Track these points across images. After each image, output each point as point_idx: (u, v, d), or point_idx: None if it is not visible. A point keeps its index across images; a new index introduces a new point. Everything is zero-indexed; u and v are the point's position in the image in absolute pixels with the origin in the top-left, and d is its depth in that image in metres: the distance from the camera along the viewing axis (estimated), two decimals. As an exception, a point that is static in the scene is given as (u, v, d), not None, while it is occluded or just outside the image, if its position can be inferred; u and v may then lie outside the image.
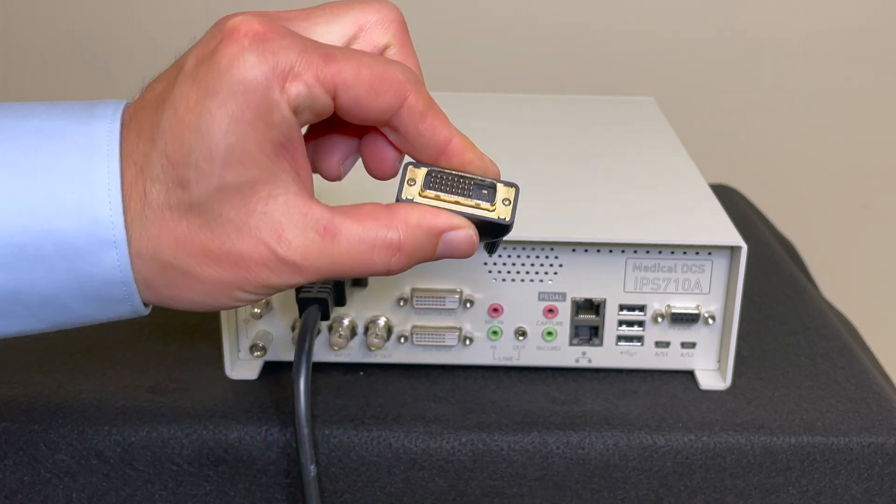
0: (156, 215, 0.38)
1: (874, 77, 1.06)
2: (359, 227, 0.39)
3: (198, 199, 0.38)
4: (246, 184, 0.38)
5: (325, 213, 0.39)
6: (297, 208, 0.39)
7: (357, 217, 0.40)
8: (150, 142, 0.38)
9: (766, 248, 0.75)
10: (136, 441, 0.50)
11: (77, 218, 0.38)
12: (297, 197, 0.39)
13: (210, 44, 0.38)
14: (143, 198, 0.38)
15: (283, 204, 0.39)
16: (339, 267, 0.40)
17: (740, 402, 0.54)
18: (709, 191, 0.61)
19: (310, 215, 0.39)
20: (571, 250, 0.54)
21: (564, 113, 0.79)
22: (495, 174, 0.42)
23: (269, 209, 0.38)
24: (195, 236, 0.39)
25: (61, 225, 0.38)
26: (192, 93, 0.37)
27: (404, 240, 0.40)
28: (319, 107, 0.38)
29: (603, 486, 0.51)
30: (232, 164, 0.37)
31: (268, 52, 0.37)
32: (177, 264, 0.39)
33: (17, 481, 0.50)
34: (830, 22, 1.04)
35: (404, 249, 0.40)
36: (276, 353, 0.56)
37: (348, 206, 0.40)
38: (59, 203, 0.38)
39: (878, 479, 0.51)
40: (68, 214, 0.38)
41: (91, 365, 0.56)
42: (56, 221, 0.38)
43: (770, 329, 0.62)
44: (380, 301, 0.55)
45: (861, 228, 1.13)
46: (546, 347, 0.56)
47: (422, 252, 0.41)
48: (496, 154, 0.65)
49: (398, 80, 0.38)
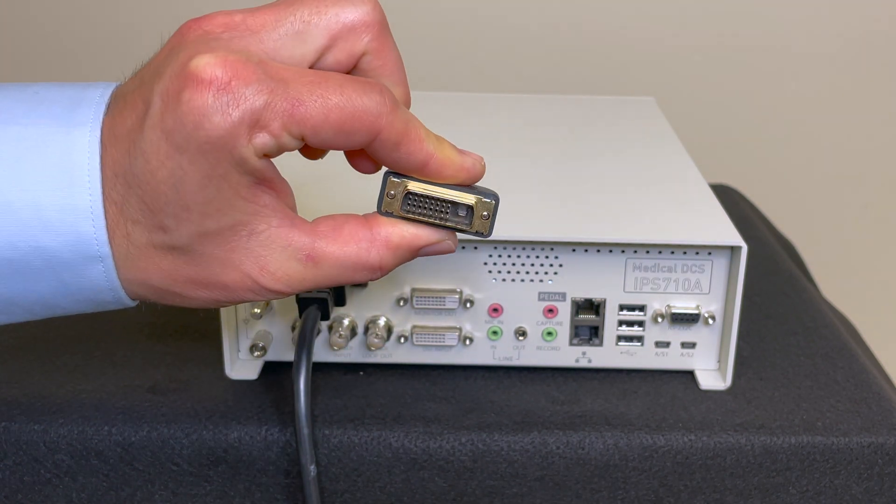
0: (140, 252, 0.39)
1: (874, 77, 1.06)
2: (341, 252, 0.40)
3: (179, 242, 0.39)
4: (226, 227, 0.39)
5: (306, 241, 0.40)
6: (279, 241, 0.39)
7: (339, 240, 0.40)
8: (127, 186, 0.38)
9: (765, 248, 0.75)
10: (136, 441, 0.50)
11: (63, 235, 0.38)
12: (278, 229, 0.39)
13: (174, 83, 0.37)
14: (126, 236, 0.39)
15: (265, 238, 0.39)
16: (323, 285, 0.41)
17: (740, 402, 0.54)
18: (709, 191, 0.61)
19: (292, 246, 0.40)
20: (571, 250, 0.54)
21: (564, 113, 0.79)
22: (479, 174, 0.42)
23: (252, 245, 0.39)
24: (181, 270, 0.39)
25: (48, 242, 0.38)
26: (161, 144, 0.37)
27: (385, 262, 0.41)
28: (290, 148, 0.39)
29: (603, 485, 0.51)
30: (210, 213, 0.38)
31: (232, 105, 0.36)
32: (166, 288, 0.40)
33: (17, 481, 0.50)
34: (830, 22, 1.04)
35: (385, 268, 0.41)
36: (276, 353, 0.56)
37: (329, 225, 0.41)
38: (44, 221, 0.38)
39: (878, 479, 0.51)
40: (54, 231, 0.38)
41: (91, 365, 0.56)
42: (42, 238, 0.38)
43: (770, 329, 0.62)
44: (380, 301, 0.55)
45: (861, 228, 1.13)
46: (546, 347, 0.56)
47: (402, 263, 0.42)
48: (496, 154, 0.65)
49: (369, 116, 0.38)
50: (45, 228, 0.38)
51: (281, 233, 0.39)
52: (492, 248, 0.54)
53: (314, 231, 0.40)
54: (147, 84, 0.38)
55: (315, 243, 0.40)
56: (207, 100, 0.36)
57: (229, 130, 0.36)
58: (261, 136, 0.37)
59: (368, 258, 0.40)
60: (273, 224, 0.39)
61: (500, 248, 0.54)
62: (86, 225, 0.38)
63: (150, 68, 0.39)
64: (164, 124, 0.37)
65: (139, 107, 0.38)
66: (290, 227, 0.40)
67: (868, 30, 1.04)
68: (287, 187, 0.41)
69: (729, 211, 0.58)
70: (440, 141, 0.41)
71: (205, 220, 0.38)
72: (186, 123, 0.36)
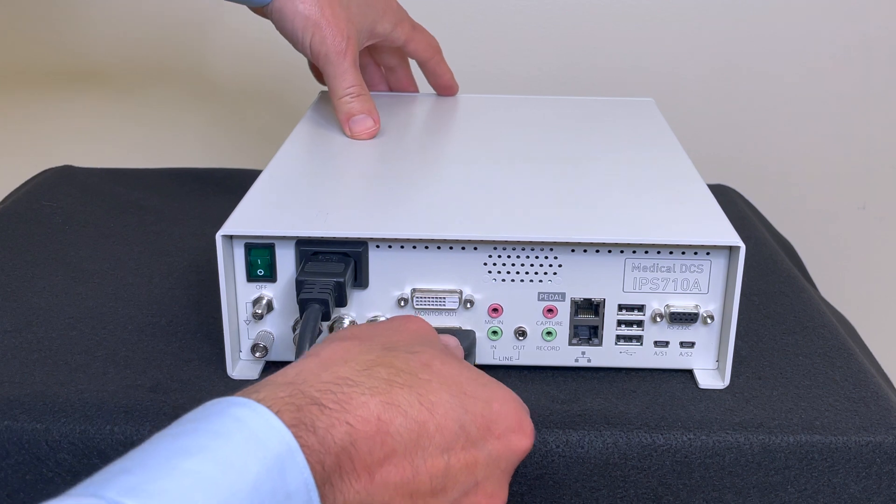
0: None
1: (871, 78, 1.06)
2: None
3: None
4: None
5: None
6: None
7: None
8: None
9: (764, 248, 0.75)
10: (138, 440, 0.50)
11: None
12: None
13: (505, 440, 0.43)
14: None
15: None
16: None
17: (739, 402, 0.54)
18: (707, 191, 0.61)
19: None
20: (571, 250, 0.54)
21: (564, 114, 0.79)
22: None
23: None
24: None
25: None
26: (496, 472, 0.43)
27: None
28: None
29: (602, 484, 0.51)
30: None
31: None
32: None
33: (18, 480, 0.50)
34: (828, 23, 1.04)
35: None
36: (277, 354, 0.56)
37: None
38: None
39: (877, 478, 0.51)
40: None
41: (93, 364, 0.56)
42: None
43: (768, 328, 0.62)
44: (380, 301, 0.55)
45: (859, 229, 1.13)
46: (546, 347, 0.56)
47: None
48: (496, 155, 0.66)
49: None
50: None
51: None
52: (491, 249, 0.54)
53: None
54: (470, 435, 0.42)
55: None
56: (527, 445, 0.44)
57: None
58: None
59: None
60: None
61: (499, 248, 0.54)
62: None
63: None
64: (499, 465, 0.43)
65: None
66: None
67: (867, 30, 1.04)
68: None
69: (727, 211, 0.58)
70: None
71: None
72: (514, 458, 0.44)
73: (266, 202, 0.58)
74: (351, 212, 0.56)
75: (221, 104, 1.10)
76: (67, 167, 0.88)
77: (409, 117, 0.77)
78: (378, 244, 0.54)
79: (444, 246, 0.54)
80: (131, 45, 1.07)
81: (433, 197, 0.59)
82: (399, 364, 0.41)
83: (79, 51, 1.08)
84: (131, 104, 1.10)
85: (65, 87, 1.10)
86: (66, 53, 1.08)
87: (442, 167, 0.64)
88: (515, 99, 0.83)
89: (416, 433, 0.39)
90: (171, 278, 0.67)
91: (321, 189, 0.60)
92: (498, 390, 0.44)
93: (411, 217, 0.55)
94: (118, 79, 1.10)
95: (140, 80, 1.09)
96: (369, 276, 0.54)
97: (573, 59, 1.06)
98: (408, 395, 0.40)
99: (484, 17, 1.05)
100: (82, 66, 1.09)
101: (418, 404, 0.40)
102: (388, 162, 0.66)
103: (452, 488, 0.40)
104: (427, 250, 0.54)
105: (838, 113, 1.08)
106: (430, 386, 0.41)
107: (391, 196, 0.59)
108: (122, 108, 1.10)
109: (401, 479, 0.39)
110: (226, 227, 0.53)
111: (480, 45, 1.05)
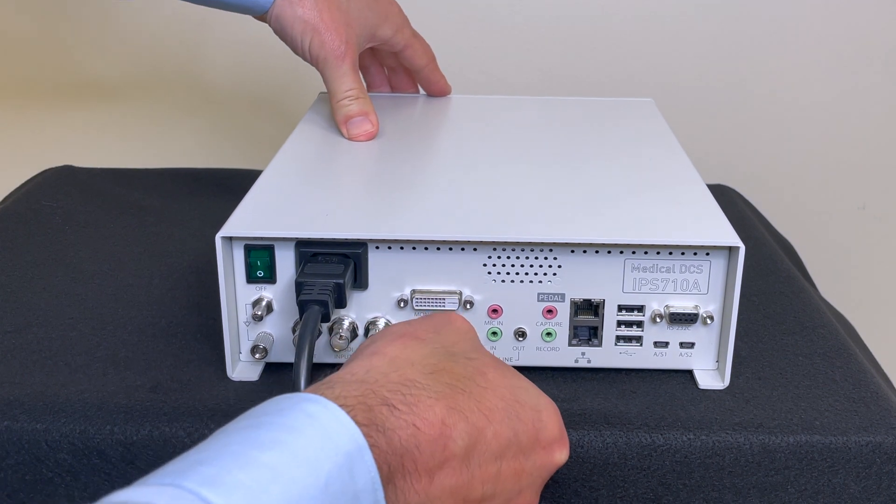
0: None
1: (871, 78, 1.06)
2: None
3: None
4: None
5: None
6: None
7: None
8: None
9: (764, 249, 0.75)
10: (138, 441, 0.50)
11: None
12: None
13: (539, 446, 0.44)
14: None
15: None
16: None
17: (738, 402, 0.54)
18: (707, 191, 0.61)
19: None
20: (570, 251, 0.54)
21: (564, 114, 0.79)
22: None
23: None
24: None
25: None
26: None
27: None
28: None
29: (602, 484, 0.51)
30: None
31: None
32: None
33: (18, 480, 0.50)
34: (828, 23, 1.04)
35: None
36: (277, 355, 0.56)
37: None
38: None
39: (876, 478, 0.51)
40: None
41: (93, 365, 0.56)
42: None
43: (768, 329, 0.62)
44: (380, 302, 0.55)
45: (858, 229, 1.13)
46: (545, 348, 0.56)
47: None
48: (496, 155, 0.66)
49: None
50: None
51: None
52: (491, 250, 0.54)
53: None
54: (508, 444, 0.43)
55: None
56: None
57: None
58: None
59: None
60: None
61: (499, 249, 0.54)
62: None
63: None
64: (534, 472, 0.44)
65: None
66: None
67: (866, 30, 1.04)
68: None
69: (727, 211, 0.58)
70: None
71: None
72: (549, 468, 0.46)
73: (266, 204, 0.58)
74: (350, 213, 0.56)
75: (221, 106, 1.10)
76: (67, 167, 0.88)
77: (409, 118, 0.77)
78: (377, 245, 0.54)
79: (444, 247, 0.54)
80: (133, 48, 1.07)
81: (433, 198, 0.59)
82: (459, 370, 0.43)
83: (81, 52, 1.08)
84: (132, 106, 1.10)
85: (65, 87, 1.10)
86: (66, 55, 1.08)
87: (441, 168, 0.64)
88: (515, 100, 0.83)
89: (475, 439, 0.40)
90: (171, 279, 0.67)
91: (321, 190, 0.60)
92: (543, 398, 0.46)
93: (411, 218, 0.55)
94: (119, 81, 1.10)
95: (141, 83, 1.09)
96: (369, 278, 0.54)
97: (573, 59, 1.06)
98: (468, 401, 0.41)
99: (484, 17, 1.05)
100: (84, 68, 1.09)
101: (477, 410, 0.41)
102: (388, 163, 0.66)
103: (500, 495, 0.42)
104: (426, 251, 0.54)
105: (838, 113, 1.08)
106: (487, 393, 0.42)
107: (390, 197, 0.59)
108: (123, 111, 1.10)
109: (457, 482, 0.40)
110: (225, 229, 0.53)
111: (480, 46, 1.05)
